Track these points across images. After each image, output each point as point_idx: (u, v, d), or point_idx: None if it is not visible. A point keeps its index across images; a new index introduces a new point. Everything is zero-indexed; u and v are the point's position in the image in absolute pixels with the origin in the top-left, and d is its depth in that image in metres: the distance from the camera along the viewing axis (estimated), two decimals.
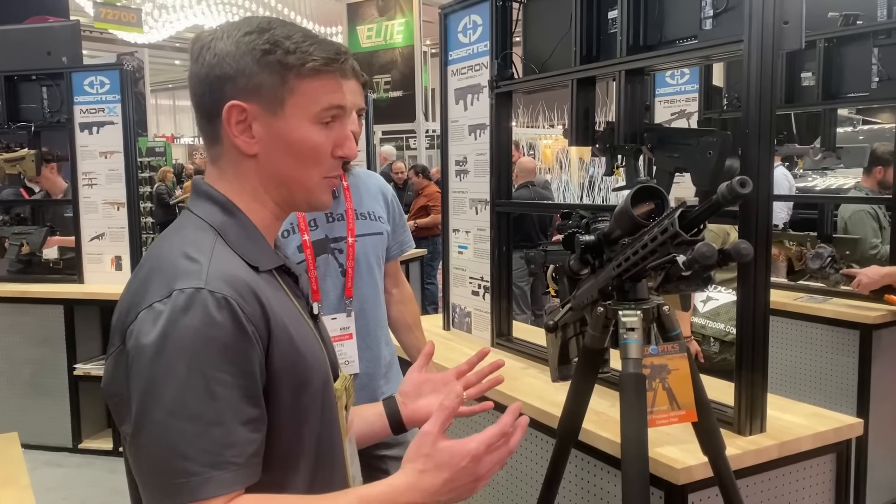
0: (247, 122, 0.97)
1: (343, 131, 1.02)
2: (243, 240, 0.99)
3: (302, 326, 1.00)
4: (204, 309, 0.86)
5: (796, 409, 1.98)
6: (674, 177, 2.02)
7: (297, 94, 0.97)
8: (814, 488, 1.86)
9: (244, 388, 0.88)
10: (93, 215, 4.33)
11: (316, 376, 0.99)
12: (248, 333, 0.88)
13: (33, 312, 4.18)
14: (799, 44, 1.72)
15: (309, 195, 1.02)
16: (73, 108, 4.26)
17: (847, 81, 3.46)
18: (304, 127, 0.98)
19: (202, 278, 0.89)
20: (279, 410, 0.93)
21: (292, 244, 1.82)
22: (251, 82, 0.96)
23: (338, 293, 1.86)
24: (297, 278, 1.08)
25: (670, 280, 1.27)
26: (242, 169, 1.00)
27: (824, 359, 3.28)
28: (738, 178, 1.07)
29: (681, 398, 1.33)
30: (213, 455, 0.85)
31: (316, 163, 1.00)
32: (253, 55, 0.95)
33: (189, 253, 0.92)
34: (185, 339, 0.85)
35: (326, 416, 1.01)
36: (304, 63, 0.96)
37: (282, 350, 0.93)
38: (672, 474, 1.64)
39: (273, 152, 0.99)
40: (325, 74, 0.98)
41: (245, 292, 0.90)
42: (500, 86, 2.57)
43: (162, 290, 0.89)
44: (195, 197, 1.03)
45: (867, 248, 3.97)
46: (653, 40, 2.05)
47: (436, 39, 3.07)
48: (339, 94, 1.00)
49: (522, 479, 2.17)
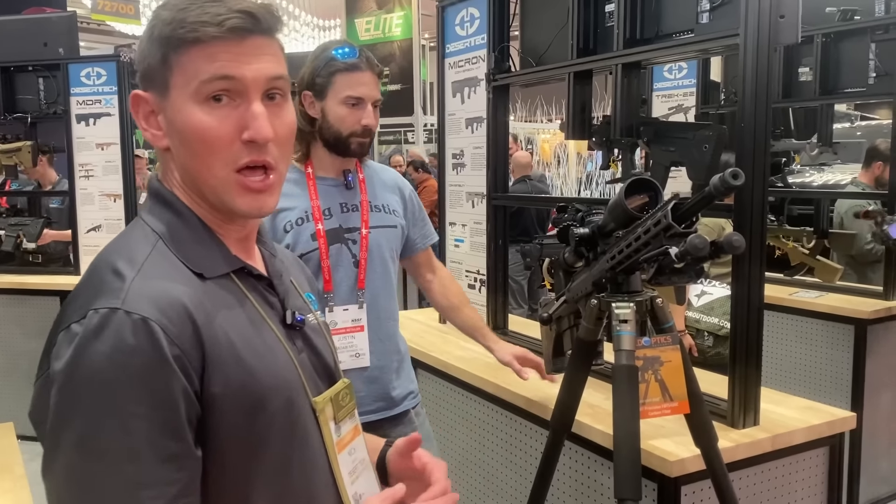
0: (154, 113, 0.88)
1: (248, 109, 0.84)
2: (189, 243, 0.87)
3: (261, 339, 0.87)
4: (117, 332, 0.76)
5: (790, 402, 1.99)
6: (669, 170, 2.02)
7: (176, 71, 0.84)
8: (806, 481, 1.87)
9: (163, 420, 0.76)
10: (89, 207, 4.32)
11: (275, 396, 0.86)
12: (168, 359, 0.77)
13: (30, 304, 4.18)
14: (795, 38, 1.72)
15: (219, 195, 0.87)
16: (69, 100, 4.25)
17: (844, 77, 3.46)
18: (187, 108, 0.84)
19: (120, 297, 0.78)
20: (223, 440, 0.81)
21: (306, 232, 1.81)
22: (144, 67, 0.87)
23: (350, 284, 1.85)
24: (272, 282, 0.94)
25: (663, 272, 1.28)
26: (166, 164, 0.91)
27: (819, 353, 3.29)
28: (731, 170, 1.08)
29: (673, 390, 1.34)
30: (128, 497, 0.74)
31: (210, 151, 0.84)
32: (149, 37, 0.86)
33: (117, 266, 0.82)
34: (95, 366, 0.75)
35: (298, 439, 0.89)
36: (175, 32, 0.83)
37: (224, 372, 0.81)
38: (665, 466, 1.64)
39: (173, 143, 0.87)
40: (208, 43, 0.83)
41: (173, 311, 0.79)
42: (497, 79, 2.57)
43: (81, 309, 0.79)
44: (147, 198, 0.93)
45: (863, 243, 3.98)
46: (650, 34, 2.05)
47: (434, 32, 3.07)
48: (226, 63, 0.83)
49: (516, 470, 2.18)
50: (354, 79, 1.76)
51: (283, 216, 1.82)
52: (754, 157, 1.71)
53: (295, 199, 1.84)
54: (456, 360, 2.43)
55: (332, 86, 1.77)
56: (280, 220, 1.82)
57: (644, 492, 1.67)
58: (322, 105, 1.79)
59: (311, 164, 1.87)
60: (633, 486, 1.30)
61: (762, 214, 1.74)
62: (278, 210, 1.82)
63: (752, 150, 1.71)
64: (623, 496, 1.30)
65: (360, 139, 1.80)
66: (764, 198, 1.74)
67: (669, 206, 1.20)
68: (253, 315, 0.89)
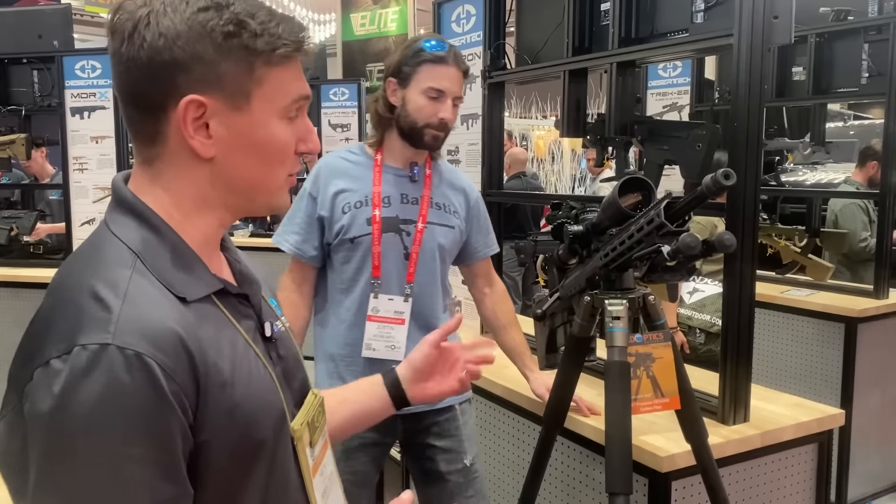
0: (203, 120, 0.80)
1: (306, 123, 0.88)
2: (169, 265, 0.80)
3: (246, 362, 0.84)
4: (110, 371, 0.69)
5: (780, 399, 2.01)
6: (663, 169, 2.04)
7: (265, 86, 0.82)
8: (795, 477, 1.90)
9: (160, 463, 0.71)
10: (83, 200, 4.32)
11: (263, 423, 0.83)
12: (168, 396, 0.72)
13: (24, 296, 4.17)
14: (788, 38, 1.74)
15: (271, 198, 0.89)
16: (64, 93, 4.24)
17: (837, 76, 3.48)
18: (272, 123, 0.84)
19: (110, 330, 0.71)
20: (211, 473, 0.78)
21: (362, 216, 1.82)
22: (211, 72, 0.79)
23: (398, 275, 1.85)
24: (247, 295, 0.90)
25: (655, 270, 1.29)
26: (191, 174, 0.83)
27: (809, 351, 3.32)
28: (723, 170, 1.09)
29: (664, 386, 1.36)
30: None
31: (282, 162, 0.87)
32: (212, 38, 0.79)
33: (98, 291, 0.74)
34: (87, 409, 0.69)
35: (278, 470, 0.86)
36: (275, 48, 0.81)
37: (214, 403, 0.77)
38: (656, 462, 1.66)
39: (234, 154, 0.83)
40: (294, 61, 0.84)
41: (166, 342, 0.73)
42: (492, 76, 2.58)
43: (61, 342, 0.72)
44: (113, 207, 0.85)
45: (856, 241, 4.01)
46: (644, 33, 2.07)
47: (430, 28, 3.07)
48: (304, 82, 0.86)
49: (509, 465, 2.20)
50: (439, 71, 1.78)
51: (344, 197, 1.84)
52: (747, 156, 1.73)
53: (359, 182, 1.85)
54: None
55: (416, 75, 1.78)
56: (340, 200, 1.83)
57: (635, 487, 1.69)
58: (404, 93, 1.81)
59: (382, 151, 1.88)
60: (625, 481, 1.32)
61: (754, 213, 1.76)
62: (340, 190, 1.84)
63: (744, 149, 1.72)
64: (614, 490, 1.31)
65: (434, 131, 1.81)
66: (756, 197, 1.76)
67: (662, 204, 1.21)
68: (236, 337, 0.84)
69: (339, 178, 1.87)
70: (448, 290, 2.01)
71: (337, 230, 1.83)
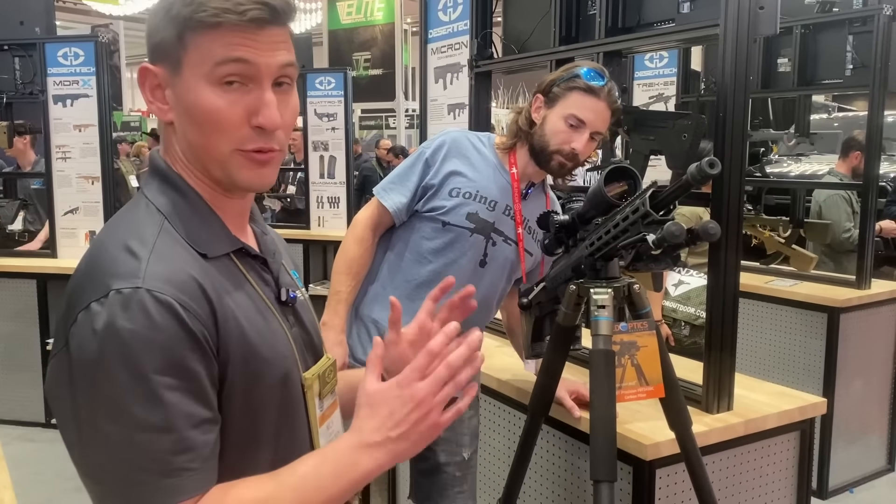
0: (162, 87, 0.89)
1: (261, 96, 0.87)
2: (192, 224, 0.90)
3: (260, 316, 0.92)
4: (143, 311, 0.80)
5: (763, 388, 2.03)
6: (649, 158, 2.04)
7: (191, 51, 0.86)
8: (778, 465, 1.92)
9: (192, 390, 0.82)
10: (66, 189, 4.28)
11: (272, 370, 0.91)
12: (193, 332, 0.82)
13: (6, 287, 4.14)
14: (774, 29, 1.74)
15: (222, 170, 0.90)
16: (46, 80, 4.20)
17: (822, 68, 3.50)
18: (198, 88, 0.87)
19: (140, 276, 0.81)
20: (231, 409, 0.87)
21: (464, 208, 1.81)
22: (156, 41, 0.89)
23: (467, 279, 1.79)
24: (266, 261, 0.98)
25: (640, 259, 1.30)
26: (169, 138, 0.93)
27: (793, 340, 3.35)
28: (707, 159, 1.10)
29: (649, 374, 1.36)
30: (164, 463, 0.80)
31: (217, 130, 0.87)
32: (164, 13, 0.88)
33: (130, 245, 0.85)
34: (125, 343, 0.79)
35: (287, 411, 0.95)
36: (195, 13, 0.85)
37: (232, 346, 0.87)
38: (640, 450, 1.67)
39: (179, 118, 0.90)
40: (225, 28, 0.85)
41: (188, 287, 0.83)
42: (479, 65, 2.57)
43: (100, 288, 0.82)
44: (148, 174, 0.95)
45: (840, 231, 4.05)
46: (631, 22, 2.07)
47: (417, 17, 3.06)
48: (241, 48, 0.86)
49: (494, 453, 2.21)
50: (587, 102, 1.73)
51: (457, 181, 1.82)
52: (732, 146, 1.74)
53: (477, 174, 1.84)
54: None
55: (564, 99, 1.75)
56: (452, 181, 1.81)
57: (620, 475, 1.70)
58: (547, 112, 1.78)
59: (515, 162, 1.86)
60: (609, 468, 1.33)
61: (739, 203, 1.77)
62: (456, 171, 1.82)
63: (730, 139, 1.73)
64: (599, 478, 1.32)
65: (562, 159, 1.77)
66: (741, 187, 1.77)
67: (647, 194, 1.22)
68: (252, 293, 0.93)
69: (459, 158, 1.85)
70: (494, 311, 2.01)
71: (435, 206, 1.81)
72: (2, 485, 1.61)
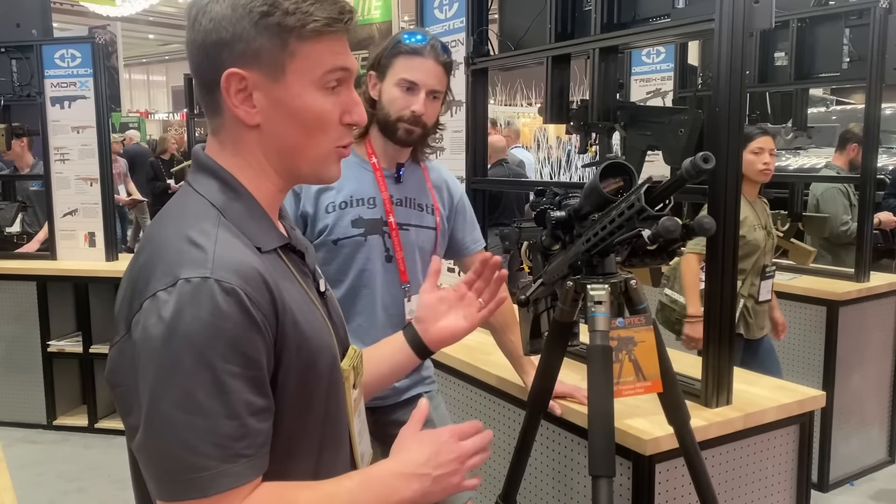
0: (247, 91, 0.92)
1: (351, 96, 0.96)
2: (246, 219, 0.94)
3: (307, 307, 0.97)
4: (211, 299, 0.83)
5: (762, 382, 2.03)
6: (646, 154, 2.04)
7: (298, 59, 0.91)
8: (777, 458, 1.92)
9: (253, 378, 0.85)
10: (65, 191, 4.28)
11: (322, 359, 0.96)
12: (257, 322, 0.86)
13: (6, 289, 4.14)
14: (769, 23, 1.75)
15: (316, 166, 0.97)
16: (43, 82, 4.20)
17: (819, 62, 3.50)
18: (307, 93, 0.93)
19: (208, 266, 0.85)
20: (285, 396, 0.91)
21: (346, 217, 1.79)
22: (249, 48, 0.90)
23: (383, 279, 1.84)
24: (304, 254, 1.04)
25: (636, 254, 1.30)
26: (244, 141, 0.95)
27: (792, 334, 3.35)
28: (702, 153, 1.10)
29: (646, 369, 1.37)
30: (225, 448, 0.83)
31: (322, 131, 0.95)
32: (251, 18, 0.90)
33: (192, 237, 0.88)
34: (193, 330, 0.82)
35: (332, 398, 0.99)
36: (305, 24, 0.90)
37: (288, 335, 0.90)
38: (640, 445, 1.68)
39: (276, 122, 0.94)
40: (329, 35, 0.92)
41: (252, 279, 0.87)
42: (475, 62, 2.57)
43: (166, 277, 0.85)
44: (196, 171, 0.98)
45: (838, 224, 4.05)
46: (627, 18, 2.07)
47: (413, 15, 3.06)
48: (343, 55, 0.94)
49: (494, 449, 2.21)
50: (414, 63, 1.74)
51: (328, 196, 1.79)
52: (728, 140, 1.74)
53: (343, 180, 1.81)
54: None
55: (392, 67, 1.76)
56: (324, 199, 1.79)
57: (619, 470, 1.71)
58: (381, 86, 1.78)
59: (373, 151, 1.85)
60: (608, 464, 1.33)
61: (736, 197, 1.77)
62: (324, 188, 1.79)
63: (726, 133, 1.74)
64: (597, 473, 1.32)
65: (407, 125, 1.76)
66: (737, 181, 1.77)
67: (643, 189, 1.22)
68: (298, 286, 0.97)
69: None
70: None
71: (320, 230, 1.78)
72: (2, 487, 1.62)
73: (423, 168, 1.93)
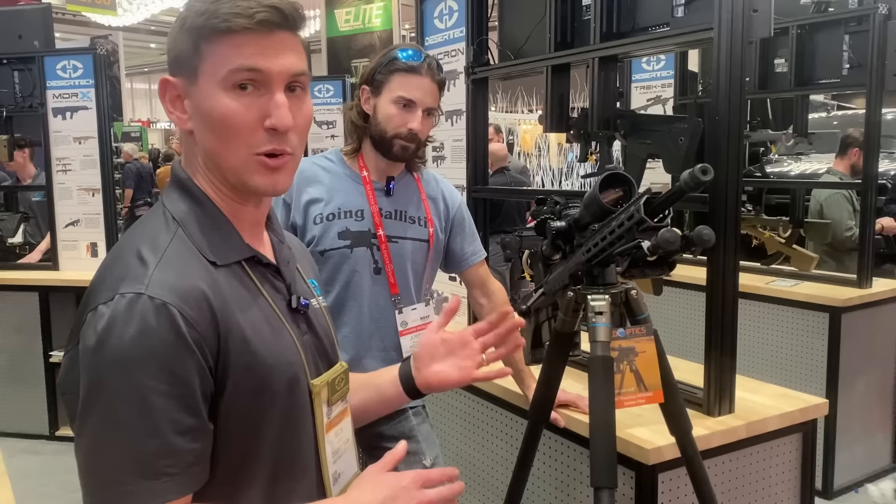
0: (181, 98, 0.93)
1: (273, 99, 0.90)
2: (206, 230, 0.93)
3: (267, 324, 0.94)
4: (141, 316, 0.82)
5: (764, 390, 2.03)
6: (646, 163, 2.04)
7: (206, 59, 0.90)
8: (780, 467, 1.92)
9: (180, 397, 0.83)
10: (67, 202, 4.29)
11: (277, 378, 0.93)
12: (188, 341, 0.84)
13: (8, 300, 4.15)
14: (768, 31, 1.75)
15: (238, 175, 0.93)
16: (45, 93, 4.21)
17: (819, 68, 3.50)
18: (214, 94, 0.89)
19: (144, 283, 0.84)
20: (230, 417, 0.89)
21: (333, 229, 1.80)
22: (174, 55, 0.92)
23: (370, 290, 1.85)
24: (279, 269, 1.01)
25: (636, 265, 1.30)
26: (189, 147, 0.96)
27: (794, 341, 3.34)
28: (700, 165, 1.10)
29: (647, 380, 1.36)
30: (145, 465, 0.82)
31: (232, 135, 0.90)
32: (179, 25, 0.92)
33: (141, 252, 0.88)
34: (121, 346, 0.82)
35: (292, 420, 0.96)
36: (206, 24, 0.89)
37: (234, 354, 0.88)
38: (642, 455, 1.67)
39: (198, 126, 0.93)
40: (238, 34, 0.88)
41: (190, 297, 0.85)
42: (475, 72, 2.58)
43: (108, 292, 0.85)
44: (169, 184, 0.99)
45: (842, 230, 4.04)
46: (626, 27, 2.07)
47: (414, 23, 3.07)
48: (253, 55, 0.89)
49: (496, 459, 2.21)
50: (410, 81, 1.75)
51: (316, 208, 1.80)
52: (728, 149, 1.74)
53: (332, 192, 1.82)
54: None
55: (388, 84, 1.77)
56: (312, 210, 1.80)
57: (622, 479, 1.71)
58: (376, 101, 1.79)
59: (364, 164, 1.85)
60: (610, 475, 1.33)
61: (736, 205, 1.77)
62: (313, 200, 1.81)
63: (725, 142, 1.74)
64: (599, 484, 1.32)
65: (403, 142, 1.78)
66: (738, 189, 1.77)
67: (642, 200, 1.22)
68: (260, 301, 0.95)
69: (311, 186, 1.83)
70: (427, 289, 1.99)
71: (308, 241, 1.79)
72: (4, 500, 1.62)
73: (417, 180, 1.94)
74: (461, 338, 1.23)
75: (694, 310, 3.52)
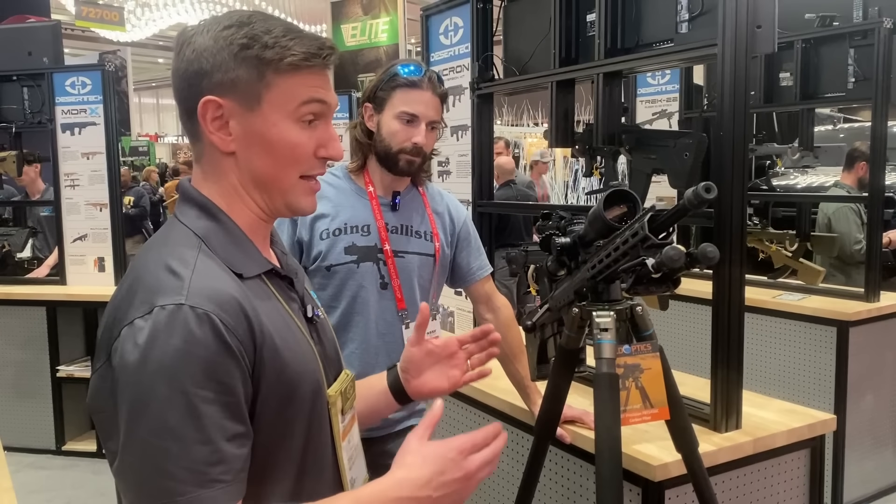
0: (224, 119, 0.95)
1: (328, 131, 0.99)
2: (228, 246, 0.96)
3: (291, 333, 0.98)
4: (185, 326, 0.84)
5: (771, 405, 2.01)
6: (651, 178, 2.04)
7: (274, 90, 0.94)
8: (788, 483, 1.90)
9: (228, 404, 0.86)
10: (75, 216, 4.31)
11: (303, 386, 0.96)
12: (232, 348, 0.86)
13: (16, 314, 4.17)
14: (772, 47, 1.75)
15: (286, 197, 0.99)
16: (54, 109, 4.25)
17: (824, 82, 3.51)
18: (282, 123, 0.95)
19: (183, 294, 0.86)
20: (262, 422, 0.91)
21: (340, 244, 1.80)
22: (227, 77, 0.94)
23: (374, 305, 1.84)
24: (292, 280, 1.05)
25: (641, 282, 1.30)
26: (222, 167, 0.98)
27: (802, 355, 3.33)
28: (704, 183, 1.10)
29: (653, 397, 1.36)
30: (200, 474, 0.83)
31: (294, 162, 0.97)
32: (230, 50, 0.93)
33: (171, 266, 0.90)
34: (167, 357, 0.83)
35: (315, 425, 0.99)
36: (283, 58, 0.93)
37: (267, 362, 0.91)
38: (649, 471, 1.66)
39: (250, 150, 0.96)
40: (306, 70, 0.95)
41: (229, 306, 0.88)
42: (481, 87, 2.59)
43: (144, 305, 0.86)
44: (181, 202, 1.01)
45: (851, 243, 4.02)
46: (630, 43, 2.08)
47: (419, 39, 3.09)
48: (320, 90, 0.97)
49: (502, 475, 2.20)
50: (413, 96, 1.76)
51: (322, 223, 1.81)
52: (733, 164, 1.74)
53: (338, 208, 1.83)
54: None
55: (391, 100, 1.78)
56: (319, 226, 1.81)
57: (629, 496, 1.70)
58: (379, 118, 1.80)
59: (371, 180, 1.86)
60: (615, 494, 1.32)
61: (741, 220, 1.77)
62: (319, 215, 1.81)
63: (730, 157, 1.74)
64: (605, 503, 1.32)
65: (408, 157, 1.79)
66: (743, 204, 1.77)
67: (646, 217, 1.22)
68: (282, 311, 0.98)
69: (317, 201, 1.84)
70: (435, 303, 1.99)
71: (314, 256, 1.80)
72: None
73: (423, 194, 1.94)
74: (446, 347, 1.28)
75: (700, 324, 3.50)
